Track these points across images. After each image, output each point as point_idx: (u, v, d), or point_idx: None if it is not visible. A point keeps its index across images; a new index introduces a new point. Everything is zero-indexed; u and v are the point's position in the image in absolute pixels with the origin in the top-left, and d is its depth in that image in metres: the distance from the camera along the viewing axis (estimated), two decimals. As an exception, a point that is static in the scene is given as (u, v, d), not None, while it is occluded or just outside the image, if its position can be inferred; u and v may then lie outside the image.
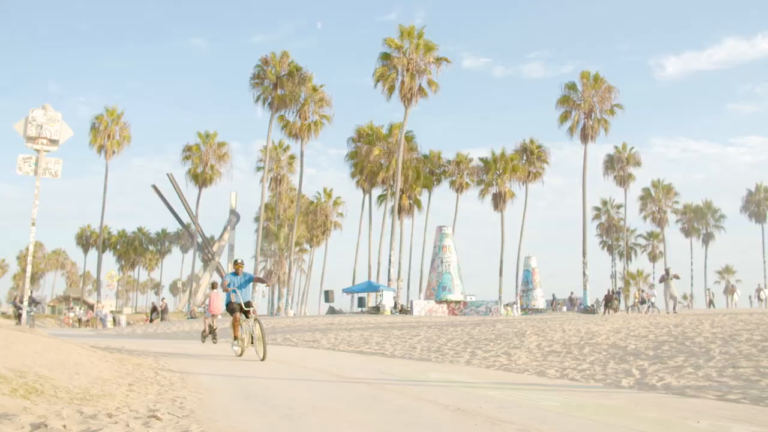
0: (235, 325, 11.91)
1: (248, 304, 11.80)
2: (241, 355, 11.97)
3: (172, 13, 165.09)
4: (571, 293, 53.08)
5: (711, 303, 53.51)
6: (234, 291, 11.84)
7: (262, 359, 10.90)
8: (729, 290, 56.21)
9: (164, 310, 42.42)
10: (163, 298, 45.20)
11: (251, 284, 12.34)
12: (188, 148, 61.81)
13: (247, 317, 11.69)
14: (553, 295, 55.46)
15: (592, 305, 48.35)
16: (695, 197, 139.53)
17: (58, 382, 6.28)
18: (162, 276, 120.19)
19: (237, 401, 6.29)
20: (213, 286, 21.30)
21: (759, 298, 49.94)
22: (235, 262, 12.35)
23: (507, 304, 48.91)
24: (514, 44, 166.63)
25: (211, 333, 18.99)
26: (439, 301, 45.73)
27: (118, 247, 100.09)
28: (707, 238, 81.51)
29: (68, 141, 15.10)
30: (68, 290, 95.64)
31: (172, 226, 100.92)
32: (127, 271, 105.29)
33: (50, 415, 4.45)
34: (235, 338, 11.96)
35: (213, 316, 19.28)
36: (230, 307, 11.91)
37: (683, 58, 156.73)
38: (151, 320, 40.73)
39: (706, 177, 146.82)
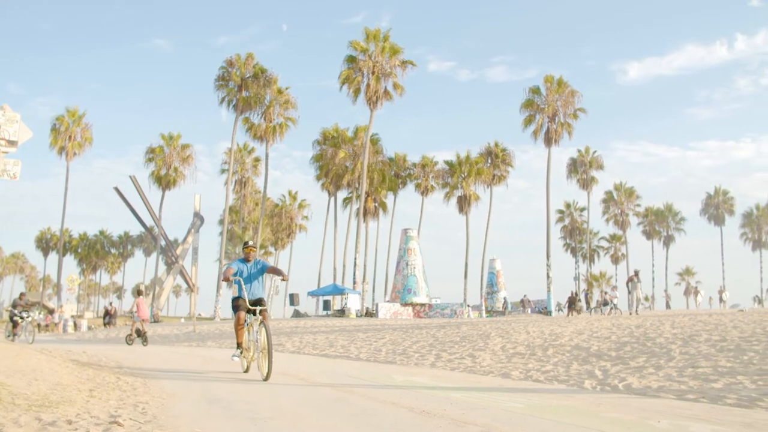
0: (239, 328, 9.12)
1: (259, 302, 9.04)
2: (246, 371, 9.36)
3: (135, 14, 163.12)
4: (524, 296, 53.61)
5: (667, 304, 54.61)
6: (238, 283, 9.17)
7: (265, 378, 8.29)
8: (693, 292, 57.40)
9: (113, 315, 41.68)
10: (110, 303, 44.43)
11: (263, 276, 9.46)
12: (151, 150, 60.98)
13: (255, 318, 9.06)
14: (505, 298, 55.90)
15: (556, 307, 48.87)
16: (656, 200, 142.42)
17: (15, 388, 6.15)
18: (124, 280, 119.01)
19: (200, 406, 6.22)
20: (139, 292, 22.86)
21: (721, 300, 50.97)
22: (246, 244, 9.57)
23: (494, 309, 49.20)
24: (479, 48, 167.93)
25: (140, 336, 20.24)
26: (405, 304, 45.82)
27: (79, 250, 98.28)
28: (668, 241, 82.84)
29: (28, 142, 14.78)
30: (28, 294, 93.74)
31: (135, 229, 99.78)
32: (89, 274, 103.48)
33: (7, 423, 4.35)
34: (239, 346, 9.28)
35: (142, 321, 20.57)
36: (235, 304, 9.28)
37: (645, 63, 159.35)
38: (105, 325, 40.07)
39: (667, 180, 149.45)
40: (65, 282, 61.33)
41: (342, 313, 45.11)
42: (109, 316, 41.12)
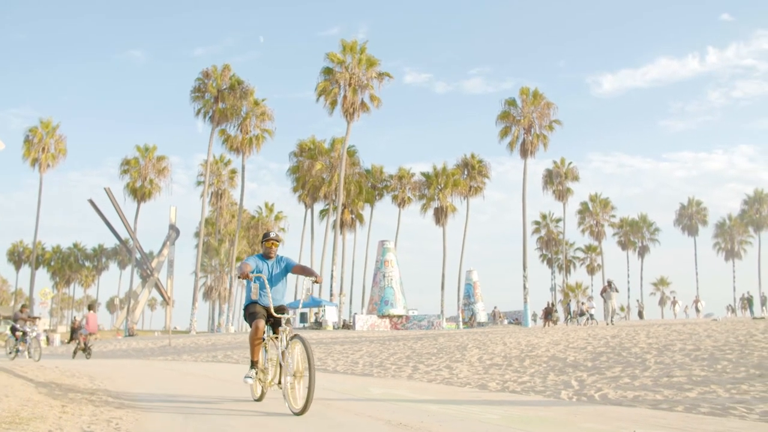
0: (256, 341, 7.00)
1: (281, 309, 7.08)
2: (259, 398, 7.40)
3: (110, 25, 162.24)
4: (495, 308, 53.82)
5: (640, 314, 55.23)
6: (259, 281, 7.07)
7: (300, 412, 6.17)
8: (672, 302, 58.06)
9: (76, 329, 41.05)
10: (74, 317, 43.94)
11: (286, 277, 7.46)
12: (127, 162, 60.54)
13: (276, 332, 6.97)
14: (473, 309, 56.05)
15: (532, 318, 49.09)
16: (631, 211, 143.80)
17: (-15, 404, 6.04)
18: (99, 293, 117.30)
19: (175, 421, 6.15)
20: (90, 307, 23.50)
21: (697, 309, 51.54)
22: (267, 237, 7.36)
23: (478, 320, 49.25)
24: (455, 60, 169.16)
25: (84, 350, 20.69)
26: (382, 316, 45.78)
27: (52, 263, 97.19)
28: (643, 251, 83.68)
29: (0, 154, 14.65)
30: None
31: (110, 242, 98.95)
32: (62, 288, 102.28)
33: (-24, 440, 4.27)
34: (254, 365, 7.08)
35: (90, 334, 21.15)
36: (250, 311, 7.12)
37: (619, 75, 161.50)
38: (71, 340, 39.54)
39: (641, 191, 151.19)
40: (38, 296, 60.52)
41: (319, 325, 44.92)
42: (75, 331, 40.52)
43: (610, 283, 28.55)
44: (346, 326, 44.70)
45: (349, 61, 49.86)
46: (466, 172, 62.42)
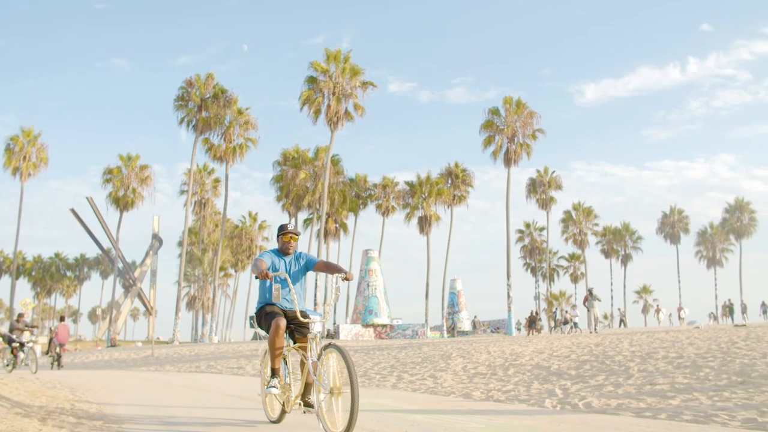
0: (276, 343, 5.85)
1: (304, 315, 5.89)
2: (278, 419, 6.21)
3: (92, 33, 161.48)
4: (475, 316, 53.84)
5: (621, 322, 55.64)
6: (281, 281, 6.10)
7: None
8: (656, 309, 58.51)
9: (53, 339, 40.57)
10: (50, 328, 43.53)
11: (305, 277, 6.49)
12: (109, 171, 60.12)
13: (295, 341, 6.06)
14: (453, 319, 56.15)
15: (516, 326, 49.16)
16: (614, 219, 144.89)
17: (-37, 417, 5.95)
18: (80, 303, 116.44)
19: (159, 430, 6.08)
20: (62, 318, 23.78)
21: (680, 317, 51.90)
22: (283, 229, 6.29)
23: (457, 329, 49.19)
24: (439, 69, 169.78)
25: (56, 361, 21.30)
26: (366, 325, 45.72)
27: (33, 273, 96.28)
28: (626, 259, 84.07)
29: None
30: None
31: (92, 251, 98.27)
32: (43, 298, 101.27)
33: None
34: (274, 373, 5.92)
35: (60, 345, 21.61)
36: (267, 311, 6.10)
37: (601, 84, 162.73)
38: (47, 352, 39.13)
39: (624, 200, 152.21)
40: (18, 306, 59.90)
41: (303, 335, 44.71)
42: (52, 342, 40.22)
43: (591, 292, 28.68)
44: (330, 336, 44.56)
45: (333, 70, 49.85)
46: (450, 181, 62.47)
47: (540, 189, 68.07)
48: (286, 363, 6.00)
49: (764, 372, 8.91)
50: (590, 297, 28.32)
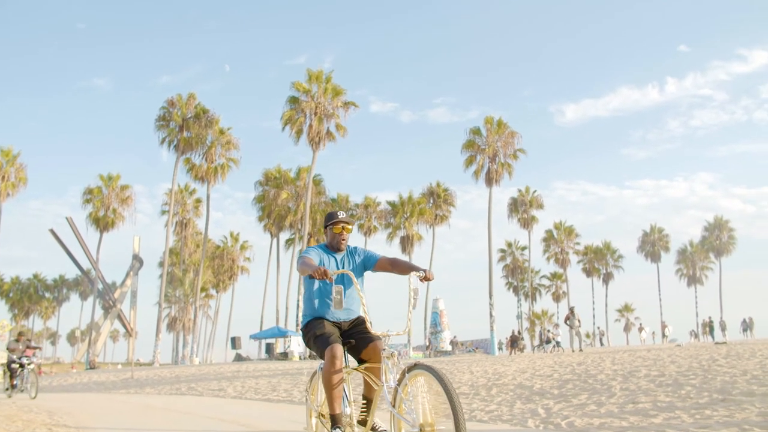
0: (335, 382, 4.59)
1: (357, 324, 5.00)
2: None
3: (74, 52, 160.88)
4: (454, 336, 53.85)
5: (601, 340, 55.96)
6: (346, 280, 4.94)
7: None
8: (639, 328, 58.93)
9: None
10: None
11: (363, 278, 5.17)
12: (89, 191, 59.60)
13: (359, 360, 4.94)
14: (430, 339, 56.13)
15: (498, 346, 49.14)
16: (595, 238, 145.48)
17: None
18: (59, 325, 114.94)
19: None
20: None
21: (664, 335, 52.20)
22: (333, 218, 4.98)
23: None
24: (421, 90, 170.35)
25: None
26: (349, 345, 45.47)
27: (10, 294, 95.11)
28: (607, 278, 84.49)
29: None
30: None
31: (71, 272, 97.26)
32: (21, 320, 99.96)
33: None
34: (336, 420, 4.60)
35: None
36: (317, 332, 4.81)
37: (582, 105, 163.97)
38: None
39: (605, 219, 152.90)
40: (-5, 329, 59.11)
41: (285, 356, 44.50)
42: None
43: (572, 310, 28.81)
44: (313, 357, 44.28)
45: (315, 90, 49.96)
46: (431, 201, 62.63)
47: (521, 208, 68.33)
48: (348, 389, 4.85)
49: (745, 389, 8.95)
50: (572, 316, 28.43)
